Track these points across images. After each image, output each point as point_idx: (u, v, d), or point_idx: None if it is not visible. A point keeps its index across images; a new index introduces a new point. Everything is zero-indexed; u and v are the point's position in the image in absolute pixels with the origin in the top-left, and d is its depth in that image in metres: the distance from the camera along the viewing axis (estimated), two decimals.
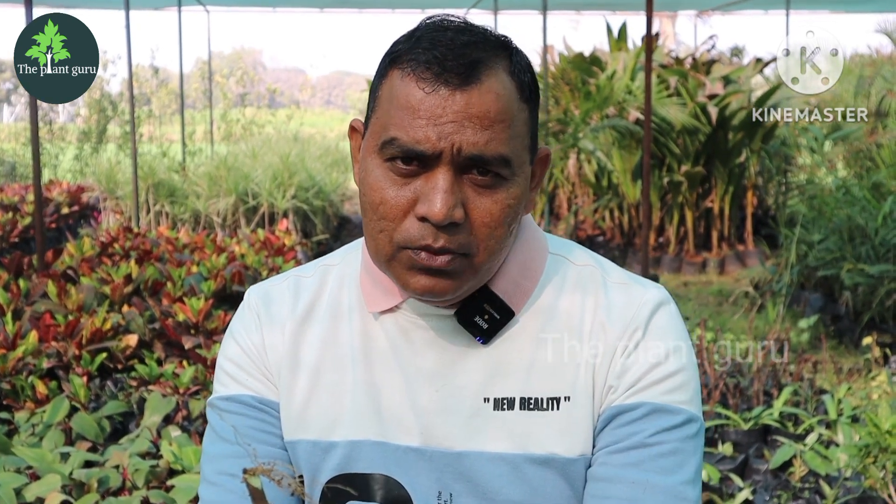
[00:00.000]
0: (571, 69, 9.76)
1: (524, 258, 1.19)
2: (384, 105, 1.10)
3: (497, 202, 1.08)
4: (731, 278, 8.85)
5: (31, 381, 3.71)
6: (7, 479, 2.83)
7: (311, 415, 1.19)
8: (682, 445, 1.12)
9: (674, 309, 1.19)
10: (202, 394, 3.70)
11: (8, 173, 14.59)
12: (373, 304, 1.20)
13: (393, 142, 1.07)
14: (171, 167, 10.82)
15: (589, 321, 1.16)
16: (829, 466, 3.53)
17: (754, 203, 9.88)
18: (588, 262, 1.22)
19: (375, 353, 1.19)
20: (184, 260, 5.64)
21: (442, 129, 1.05)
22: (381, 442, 1.17)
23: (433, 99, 1.05)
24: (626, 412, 1.13)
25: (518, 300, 1.17)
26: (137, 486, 2.92)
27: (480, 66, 1.06)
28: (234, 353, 1.23)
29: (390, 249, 1.09)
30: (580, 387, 1.15)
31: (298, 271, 1.28)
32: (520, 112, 1.09)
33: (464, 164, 1.06)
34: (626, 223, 9.89)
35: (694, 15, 15.54)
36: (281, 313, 1.23)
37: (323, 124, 28.03)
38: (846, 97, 8.96)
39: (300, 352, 1.21)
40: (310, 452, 1.19)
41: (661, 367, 1.14)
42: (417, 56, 1.07)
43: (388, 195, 1.08)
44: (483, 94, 1.05)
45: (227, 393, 1.22)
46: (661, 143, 9.16)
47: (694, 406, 1.15)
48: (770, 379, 4.41)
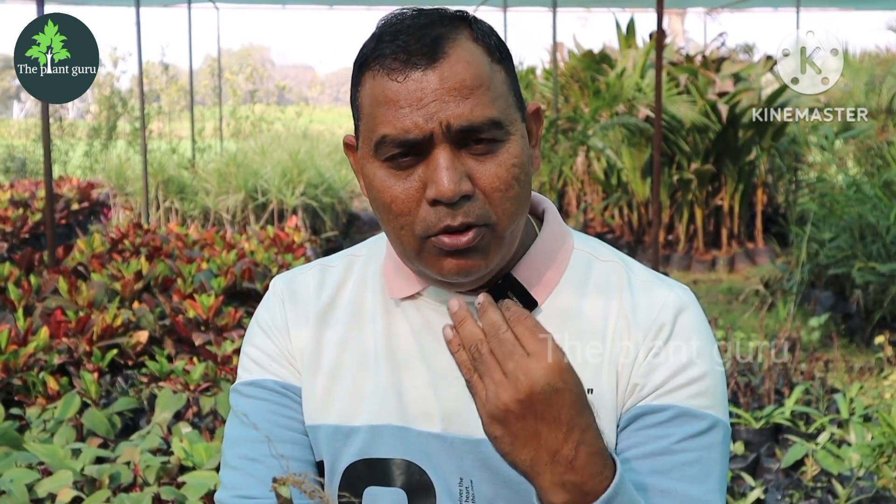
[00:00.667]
0: (581, 67, 9.75)
1: (548, 249, 1.19)
2: (366, 110, 1.11)
3: (501, 164, 1.08)
4: (741, 276, 8.83)
5: (43, 377, 3.72)
6: (19, 474, 2.85)
7: (333, 400, 1.20)
8: (708, 454, 1.12)
9: (699, 310, 1.18)
10: (212, 390, 3.71)
11: (18, 169, 14.63)
12: (395, 290, 1.20)
13: (384, 139, 1.08)
14: (180, 164, 10.84)
15: (613, 318, 1.16)
16: (841, 466, 3.51)
17: (764, 201, 9.86)
18: (613, 258, 1.21)
19: (398, 343, 1.20)
20: (194, 256, 5.65)
21: (426, 110, 1.06)
22: (402, 427, 1.17)
23: (408, 85, 1.06)
24: (652, 414, 1.12)
25: (541, 291, 1.17)
26: (148, 482, 2.93)
27: (442, 41, 1.07)
28: (259, 340, 1.24)
29: (415, 243, 1.10)
30: (603, 382, 1.14)
31: (325, 260, 1.29)
32: (494, 73, 1.09)
33: (458, 139, 1.07)
34: (635, 221, 9.87)
35: (703, 12, 15.49)
36: (305, 298, 1.24)
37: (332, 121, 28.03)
38: (857, 95, 8.93)
39: (323, 336, 1.22)
40: (331, 437, 1.20)
41: (688, 371, 1.13)
42: (382, 51, 1.08)
43: (396, 191, 1.09)
44: (453, 66, 1.06)
45: (250, 378, 1.23)
46: (670, 140, 9.14)
47: (720, 411, 1.14)
48: (781, 378, 4.39)
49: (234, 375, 3.78)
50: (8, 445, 3.14)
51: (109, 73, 15.67)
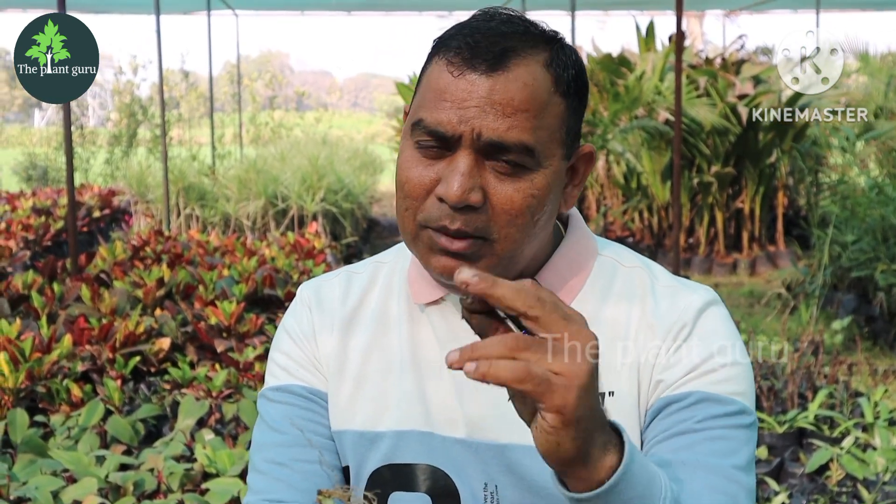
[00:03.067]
0: (600, 70, 9.73)
1: (573, 255, 1.20)
2: (421, 89, 1.12)
3: (518, 190, 1.08)
4: (763, 279, 8.78)
5: (66, 384, 3.74)
6: (44, 482, 2.86)
7: (358, 406, 1.21)
8: (733, 433, 1.10)
9: (723, 310, 1.18)
10: (235, 397, 3.72)
11: (40, 177, 14.74)
12: (418, 295, 1.22)
13: (420, 123, 1.09)
14: (200, 170, 10.89)
15: (635, 322, 1.16)
16: (866, 470, 3.49)
17: (785, 203, 9.80)
18: (637, 264, 1.22)
19: (423, 350, 1.21)
20: (215, 263, 5.67)
21: (464, 112, 1.06)
22: (427, 433, 1.18)
23: (460, 83, 1.07)
24: (675, 402, 1.12)
25: (565, 296, 1.17)
26: (172, 489, 2.94)
27: (510, 54, 1.07)
28: (286, 345, 1.26)
29: (413, 228, 1.12)
30: (624, 384, 1.14)
31: (351, 267, 1.31)
32: (551, 104, 1.08)
33: (485, 150, 1.07)
34: (655, 224, 9.83)
35: (722, 14, 15.44)
36: (332, 307, 1.26)
37: (350, 126, 28.13)
38: (877, 96, 8.86)
39: (349, 346, 1.24)
40: (356, 442, 1.21)
41: (710, 361, 1.13)
42: (454, 43, 1.09)
43: (413, 174, 1.10)
44: (509, 82, 1.06)
45: (277, 384, 1.25)
46: (690, 143, 9.10)
47: (746, 399, 1.13)
48: (804, 381, 4.36)
49: (256, 382, 3.79)
50: (33, 453, 3.17)
51: (130, 80, 15.77)
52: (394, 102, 25.34)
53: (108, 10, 12.42)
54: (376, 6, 13.99)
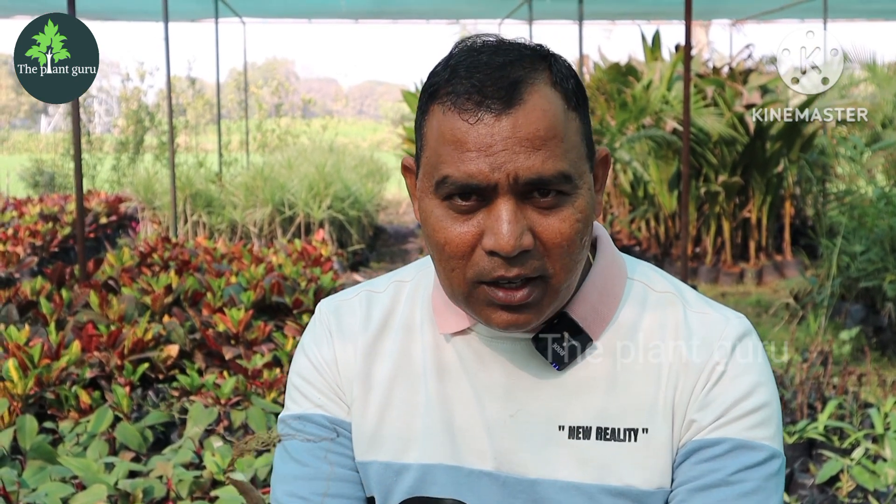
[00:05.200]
0: (607, 79, 9.74)
1: (604, 283, 1.16)
2: (431, 143, 1.07)
3: (565, 220, 1.05)
4: (770, 289, 8.77)
5: (75, 390, 3.74)
6: (53, 488, 2.86)
7: (384, 435, 1.18)
8: (764, 484, 1.10)
9: (756, 340, 1.16)
10: (243, 404, 3.72)
11: (47, 183, 14.78)
12: (444, 325, 1.18)
13: (446, 180, 1.04)
14: (207, 177, 10.91)
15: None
16: (877, 482, 3.47)
17: (792, 213, 9.80)
18: (668, 289, 1.19)
19: (448, 373, 1.18)
20: (222, 270, 5.67)
21: (494, 158, 1.01)
22: (454, 466, 1.15)
23: (479, 128, 1.02)
24: (708, 447, 1.11)
25: (596, 327, 1.14)
26: (181, 496, 2.94)
27: (521, 86, 1.03)
28: (306, 369, 1.23)
29: (465, 287, 1.07)
30: (658, 420, 1.12)
31: (369, 286, 1.26)
32: (570, 122, 1.06)
33: (524, 190, 1.03)
34: (662, 233, 9.83)
35: (728, 24, 15.44)
36: (353, 328, 1.22)
37: (355, 133, 28.17)
38: (884, 106, 8.86)
39: (372, 369, 1.20)
40: (382, 474, 1.18)
41: (744, 403, 1.11)
42: (456, 87, 1.04)
43: (452, 234, 1.05)
44: (529, 114, 1.02)
45: (298, 411, 1.21)
46: (698, 153, 9.10)
47: (776, 442, 1.12)
48: (814, 392, 4.35)
49: (264, 389, 3.79)
50: (42, 459, 3.17)
51: (137, 87, 15.82)
52: (399, 110, 25.36)
53: (116, 17, 12.45)
54: (384, 14, 14.01)
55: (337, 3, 11.46)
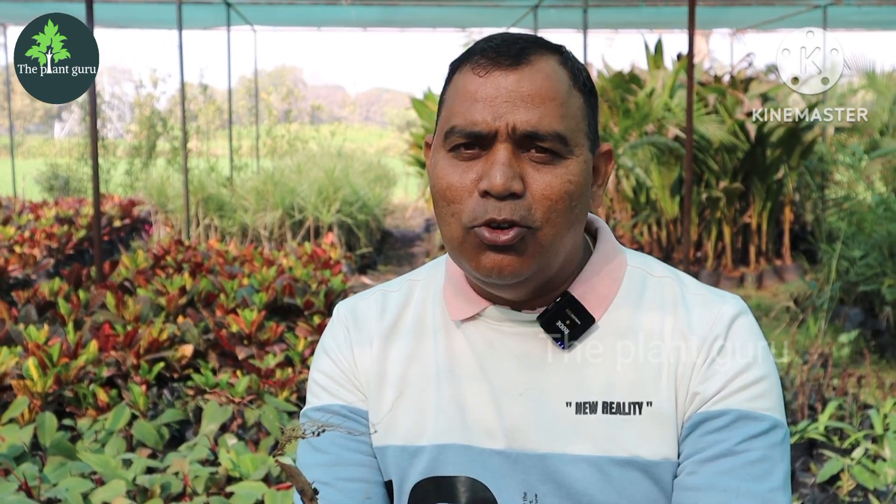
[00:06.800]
0: (610, 87, 9.85)
1: (604, 266, 1.23)
2: (448, 103, 1.17)
3: (557, 176, 1.12)
4: (770, 293, 8.86)
5: (93, 389, 3.82)
6: (74, 483, 2.92)
7: (399, 421, 1.24)
8: (769, 452, 1.14)
9: (752, 318, 1.21)
10: (256, 403, 3.80)
11: (62, 187, 14.92)
12: (455, 312, 1.24)
13: (453, 129, 1.13)
14: (218, 182, 11.03)
15: (669, 332, 1.19)
16: (877, 481, 3.52)
17: (791, 219, 9.89)
18: (666, 273, 1.25)
19: (460, 362, 1.23)
20: (235, 272, 5.76)
21: (496, 108, 1.11)
22: (466, 446, 1.21)
23: (488, 82, 1.12)
24: (713, 419, 1.15)
25: (598, 307, 1.21)
26: (198, 492, 3.01)
27: (530, 51, 1.14)
28: (326, 367, 1.29)
29: (460, 232, 1.14)
30: (662, 393, 1.17)
31: (385, 286, 1.33)
32: (572, 96, 1.14)
33: (521, 142, 1.11)
34: (664, 238, 9.93)
35: (728, 33, 15.52)
36: (369, 328, 1.29)
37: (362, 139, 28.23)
38: (882, 114, 8.95)
39: (387, 364, 1.27)
40: (398, 457, 1.24)
41: (745, 375, 1.16)
42: (474, 52, 1.15)
43: (453, 179, 1.14)
44: (533, 73, 1.12)
45: (319, 404, 1.28)
46: (699, 159, 9.21)
47: (778, 412, 1.17)
48: (814, 393, 4.41)
49: (277, 389, 3.90)
50: (62, 455, 3.22)
51: (150, 93, 15.96)
52: (405, 116, 25.44)
53: (132, 25, 12.58)
54: (392, 22, 14.13)
55: (346, 12, 11.58)
